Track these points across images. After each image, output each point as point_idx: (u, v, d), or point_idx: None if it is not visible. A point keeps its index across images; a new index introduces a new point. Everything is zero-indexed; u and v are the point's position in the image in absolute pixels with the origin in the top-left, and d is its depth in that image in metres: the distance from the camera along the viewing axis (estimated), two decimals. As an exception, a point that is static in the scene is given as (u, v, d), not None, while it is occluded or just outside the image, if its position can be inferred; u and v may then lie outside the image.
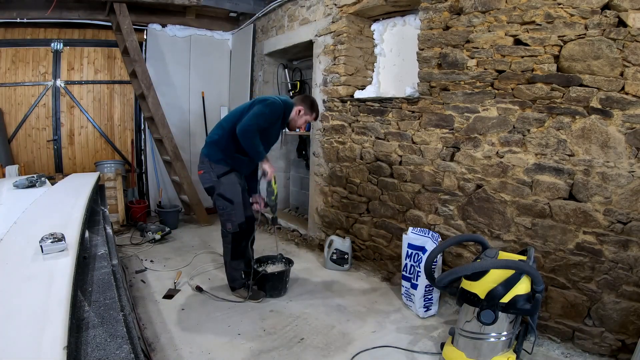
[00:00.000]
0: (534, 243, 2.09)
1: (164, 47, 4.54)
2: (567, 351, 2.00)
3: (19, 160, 4.39)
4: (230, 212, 2.47)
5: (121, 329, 0.90)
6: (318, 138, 3.53)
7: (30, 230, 1.36)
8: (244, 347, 2.03)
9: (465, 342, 1.80)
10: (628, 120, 1.75)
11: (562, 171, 1.96)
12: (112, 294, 1.08)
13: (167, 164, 4.46)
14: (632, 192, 1.77)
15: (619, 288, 1.84)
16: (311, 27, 3.50)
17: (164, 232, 3.80)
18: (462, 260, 2.45)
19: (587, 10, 1.81)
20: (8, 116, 4.35)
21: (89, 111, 4.70)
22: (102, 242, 1.53)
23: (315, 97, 3.53)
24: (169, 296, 2.57)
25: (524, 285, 1.68)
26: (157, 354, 1.95)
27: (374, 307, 2.53)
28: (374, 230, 3.06)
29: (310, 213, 3.72)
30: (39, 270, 1.05)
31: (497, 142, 2.20)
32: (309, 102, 2.58)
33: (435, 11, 2.42)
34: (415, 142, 2.66)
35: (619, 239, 1.82)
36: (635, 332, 1.80)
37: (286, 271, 2.67)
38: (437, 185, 2.55)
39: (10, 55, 4.28)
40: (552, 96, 1.96)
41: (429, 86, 2.52)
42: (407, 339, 2.14)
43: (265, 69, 4.39)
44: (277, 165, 4.65)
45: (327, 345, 2.08)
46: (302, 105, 2.54)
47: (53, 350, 0.70)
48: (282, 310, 2.46)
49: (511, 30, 2.07)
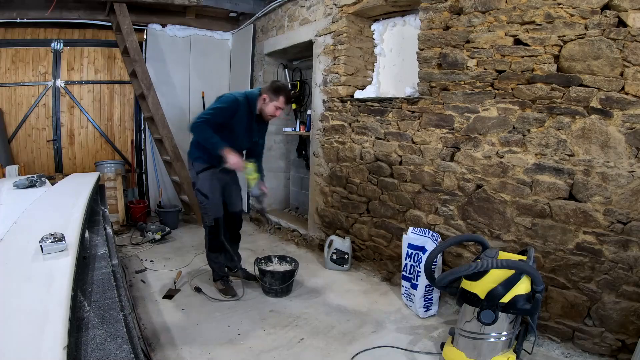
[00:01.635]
0: (534, 243, 2.09)
1: (164, 47, 4.54)
2: (567, 351, 2.00)
3: (19, 160, 4.39)
4: (206, 207, 2.58)
5: (121, 329, 0.90)
6: (318, 138, 3.53)
7: (30, 230, 1.35)
8: (244, 347, 2.03)
9: (465, 342, 1.80)
10: (628, 120, 1.75)
11: (562, 171, 1.96)
12: (112, 294, 1.08)
13: (167, 164, 4.46)
14: (632, 192, 1.77)
15: (619, 288, 1.84)
16: (311, 27, 3.50)
17: (164, 232, 3.80)
18: (462, 260, 2.45)
19: (587, 10, 1.81)
20: (8, 116, 4.35)
21: (89, 111, 4.70)
22: (102, 242, 1.53)
23: (315, 97, 3.53)
24: (169, 296, 2.57)
25: (524, 285, 1.68)
26: (157, 354, 1.95)
27: (374, 307, 2.53)
28: (374, 230, 3.06)
29: (310, 213, 3.72)
30: (39, 270, 1.05)
31: (497, 142, 2.20)
32: (273, 86, 2.51)
33: (435, 11, 2.42)
34: (415, 142, 2.66)
35: (619, 239, 1.82)
36: (635, 332, 1.80)
37: (293, 271, 2.69)
38: (437, 185, 2.55)
39: (10, 55, 4.28)
40: (552, 96, 1.96)
41: (429, 86, 2.52)
42: (407, 339, 2.14)
43: (265, 69, 4.39)
44: (277, 165, 4.65)
45: (327, 345, 2.08)
46: (267, 93, 2.49)
47: (53, 350, 0.70)
48: (282, 310, 2.46)
49: (511, 30, 2.07)
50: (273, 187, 4.65)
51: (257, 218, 4.57)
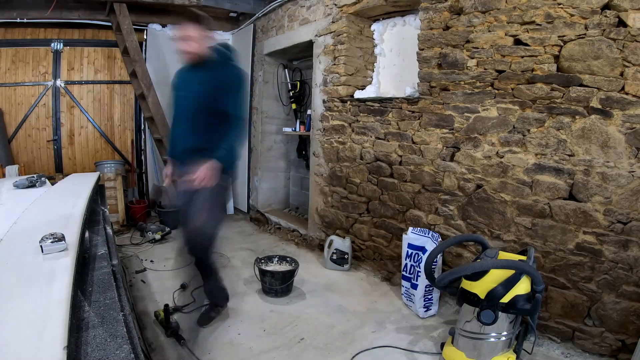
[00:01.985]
0: (534, 243, 2.09)
1: (164, 47, 4.54)
2: (567, 351, 2.00)
3: (19, 160, 4.39)
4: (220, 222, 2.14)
5: (121, 329, 0.90)
6: (318, 138, 3.53)
7: (30, 230, 1.35)
8: (244, 347, 2.03)
9: (465, 342, 1.80)
10: (628, 120, 1.75)
11: (562, 171, 1.96)
12: (112, 294, 1.08)
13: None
14: (632, 192, 1.77)
15: (619, 288, 1.84)
16: (311, 27, 3.50)
17: (164, 232, 3.80)
18: (462, 260, 2.45)
19: (587, 10, 1.81)
20: (8, 116, 4.35)
21: (89, 111, 4.70)
22: (102, 242, 1.53)
23: (315, 97, 3.54)
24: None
25: (524, 285, 1.68)
26: (157, 354, 1.95)
27: (374, 307, 2.53)
28: (374, 230, 3.06)
29: (310, 213, 3.72)
30: (39, 270, 1.05)
31: (497, 142, 2.20)
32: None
33: (435, 11, 2.42)
34: (415, 142, 2.66)
35: (619, 239, 1.82)
36: (635, 332, 1.80)
37: (293, 271, 2.69)
38: (437, 185, 2.55)
39: (10, 55, 4.28)
40: (552, 96, 1.96)
41: (429, 86, 2.51)
42: (407, 339, 2.14)
43: (266, 69, 4.39)
44: (277, 165, 4.65)
45: (327, 345, 2.08)
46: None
47: (53, 350, 0.70)
48: (282, 310, 2.46)
49: (511, 30, 2.07)
50: (273, 187, 4.66)
51: (257, 218, 4.57)
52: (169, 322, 2.10)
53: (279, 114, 4.55)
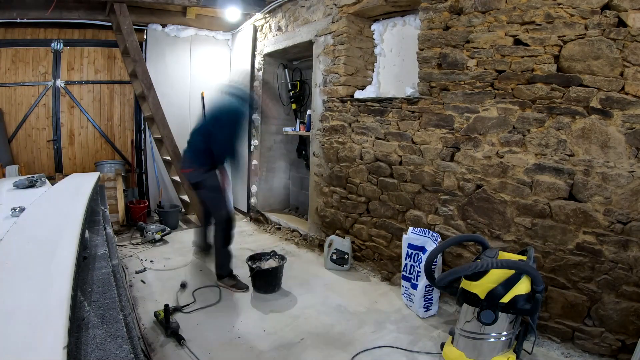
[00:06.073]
0: (534, 243, 2.09)
1: (164, 47, 4.54)
2: (567, 351, 2.00)
3: (19, 160, 4.39)
4: (220, 200, 2.73)
5: (121, 329, 0.90)
6: (318, 138, 3.53)
7: (30, 230, 1.36)
8: (244, 347, 2.03)
9: (465, 342, 1.80)
10: (628, 121, 1.75)
11: (562, 171, 1.96)
12: (112, 294, 1.08)
13: (167, 164, 4.46)
14: (632, 192, 1.77)
15: (619, 288, 1.84)
16: (311, 27, 3.50)
17: (164, 232, 3.80)
18: (462, 260, 2.45)
19: (587, 10, 1.81)
20: (8, 116, 4.35)
21: (89, 111, 4.70)
22: (102, 242, 1.53)
23: (315, 97, 3.54)
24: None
25: (524, 285, 1.68)
26: (157, 354, 1.95)
27: (374, 307, 2.53)
28: (373, 231, 3.06)
29: (310, 213, 3.72)
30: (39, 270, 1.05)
31: (497, 142, 2.20)
32: None
33: (435, 11, 2.42)
34: (415, 142, 2.66)
35: (619, 239, 1.82)
36: (635, 332, 1.80)
37: (279, 267, 2.70)
38: (437, 186, 2.55)
39: (10, 55, 4.28)
40: (552, 96, 1.96)
41: (429, 86, 2.52)
42: (407, 339, 2.14)
43: (265, 69, 4.39)
44: (277, 165, 4.66)
45: (327, 345, 2.08)
46: None
47: (53, 350, 0.70)
48: (282, 310, 2.46)
49: (511, 30, 2.07)
50: (273, 187, 4.66)
51: (257, 218, 4.57)
52: (169, 322, 2.12)
53: (279, 114, 4.55)
